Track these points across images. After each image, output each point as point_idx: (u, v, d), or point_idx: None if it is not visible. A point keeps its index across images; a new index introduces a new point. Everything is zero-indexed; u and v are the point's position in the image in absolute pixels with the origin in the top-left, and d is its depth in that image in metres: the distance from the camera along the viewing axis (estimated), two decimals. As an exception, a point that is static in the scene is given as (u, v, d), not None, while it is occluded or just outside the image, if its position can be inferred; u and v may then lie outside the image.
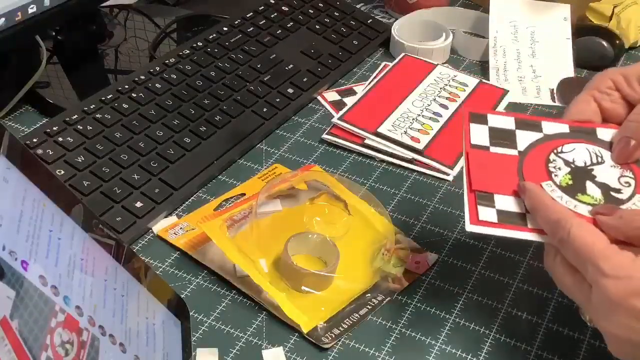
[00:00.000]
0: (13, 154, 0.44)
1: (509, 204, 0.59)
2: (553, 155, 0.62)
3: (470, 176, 0.60)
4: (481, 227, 0.57)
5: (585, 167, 0.62)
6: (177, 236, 0.68)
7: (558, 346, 0.61)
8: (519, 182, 0.60)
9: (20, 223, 0.43)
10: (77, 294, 0.46)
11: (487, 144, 0.63)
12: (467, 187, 0.60)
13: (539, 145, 0.63)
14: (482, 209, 0.58)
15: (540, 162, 0.62)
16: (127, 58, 0.92)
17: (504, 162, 0.62)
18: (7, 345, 0.39)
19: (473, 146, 0.63)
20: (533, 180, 0.60)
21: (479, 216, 0.58)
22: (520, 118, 0.65)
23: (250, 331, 0.61)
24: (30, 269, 0.43)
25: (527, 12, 0.98)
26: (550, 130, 0.64)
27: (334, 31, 0.95)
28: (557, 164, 0.62)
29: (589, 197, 0.59)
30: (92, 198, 0.68)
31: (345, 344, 0.60)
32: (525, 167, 0.61)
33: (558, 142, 0.64)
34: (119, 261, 0.51)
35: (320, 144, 0.81)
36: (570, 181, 0.61)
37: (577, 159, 0.62)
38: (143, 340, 0.51)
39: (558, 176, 0.61)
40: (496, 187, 0.60)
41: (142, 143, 0.74)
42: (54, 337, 0.43)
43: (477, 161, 0.61)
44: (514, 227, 0.57)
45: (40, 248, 0.44)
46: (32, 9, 0.77)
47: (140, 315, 0.52)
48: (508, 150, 0.63)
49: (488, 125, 0.64)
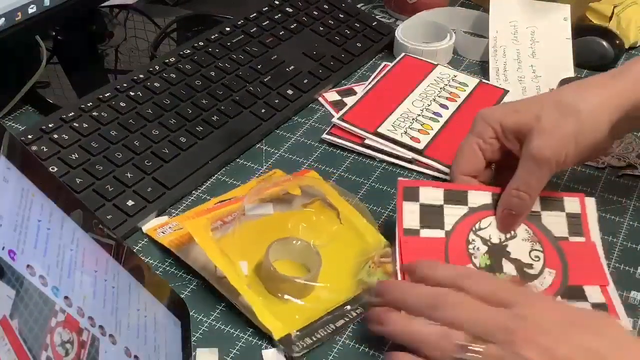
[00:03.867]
0: (13, 154, 0.44)
1: None
2: (472, 234, 0.66)
3: (401, 265, 0.63)
4: None
5: (500, 244, 0.66)
6: (165, 235, 0.67)
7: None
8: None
9: (20, 223, 0.43)
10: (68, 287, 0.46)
11: (417, 227, 0.66)
12: (399, 274, 0.63)
13: (463, 220, 0.67)
14: None
15: (462, 244, 0.66)
16: (127, 58, 0.92)
17: (433, 246, 0.65)
18: (7, 344, 0.39)
19: (405, 232, 0.65)
20: (457, 263, 0.64)
21: None
22: (448, 189, 0.68)
23: (250, 331, 0.61)
24: (34, 270, 0.43)
25: (527, 12, 0.98)
26: (474, 201, 0.68)
27: (338, 33, 0.95)
28: (476, 244, 0.66)
29: (506, 276, 0.64)
30: (84, 196, 0.68)
31: (346, 344, 0.60)
32: (450, 250, 0.65)
33: (479, 215, 0.67)
34: (118, 261, 0.51)
35: (320, 144, 0.81)
36: (488, 261, 0.65)
37: (492, 235, 0.66)
38: (142, 339, 0.51)
39: (477, 258, 0.65)
40: None
41: (137, 142, 0.74)
42: (54, 336, 0.43)
43: (408, 248, 0.64)
44: None
45: (39, 246, 0.44)
46: (32, 9, 0.77)
47: (140, 315, 0.52)
48: (436, 232, 0.66)
49: (419, 202, 0.67)
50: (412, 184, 0.68)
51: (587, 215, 0.69)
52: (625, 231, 0.72)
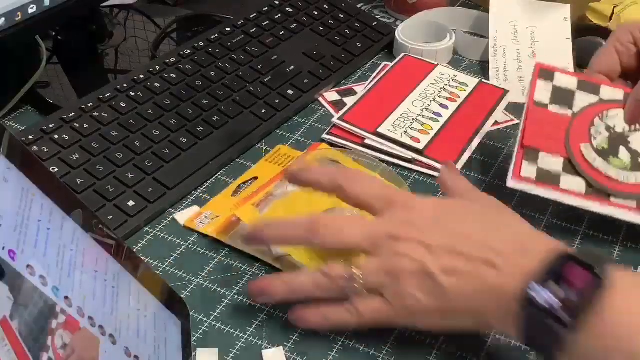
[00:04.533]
0: (13, 154, 0.44)
1: (549, 163, 0.68)
2: (598, 119, 0.70)
3: (525, 131, 0.69)
4: (521, 184, 0.67)
5: (623, 134, 0.70)
6: (205, 224, 0.69)
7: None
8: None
9: (20, 223, 0.43)
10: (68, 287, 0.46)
11: (547, 102, 0.72)
12: (519, 142, 0.69)
13: (592, 107, 0.71)
14: (525, 165, 0.68)
15: (585, 125, 0.70)
16: (127, 58, 0.92)
17: (557, 121, 0.70)
18: (7, 345, 0.39)
19: (535, 103, 0.72)
20: (575, 141, 0.69)
21: (522, 172, 0.67)
22: (583, 80, 0.73)
23: (250, 331, 0.61)
24: (34, 270, 0.43)
25: (527, 12, 0.98)
26: (606, 95, 0.72)
27: (338, 33, 0.95)
28: (598, 129, 0.70)
29: (619, 162, 0.68)
30: (85, 196, 0.68)
31: (346, 344, 0.60)
32: (573, 128, 0.70)
33: (608, 106, 0.71)
34: (118, 261, 0.51)
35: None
36: (606, 145, 0.69)
37: (617, 125, 0.70)
38: (142, 339, 0.51)
39: (597, 139, 0.69)
40: (544, 144, 0.69)
41: (138, 142, 0.74)
42: (55, 338, 0.43)
43: (535, 117, 0.70)
44: (549, 187, 0.67)
45: (39, 246, 0.44)
46: (32, 9, 0.78)
47: (140, 315, 0.52)
48: (564, 110, 0.71)
49: (553, 83, 0.72)
50: (549, 67, 0.73)
51: None
52: (625, 231, 0.72)
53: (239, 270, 0.66)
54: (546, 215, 0.73)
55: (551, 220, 0.72)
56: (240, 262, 0.67)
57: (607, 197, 0.67)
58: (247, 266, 0.66)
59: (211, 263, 0.67)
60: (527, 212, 0.73)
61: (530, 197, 0.71)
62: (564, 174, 0.68)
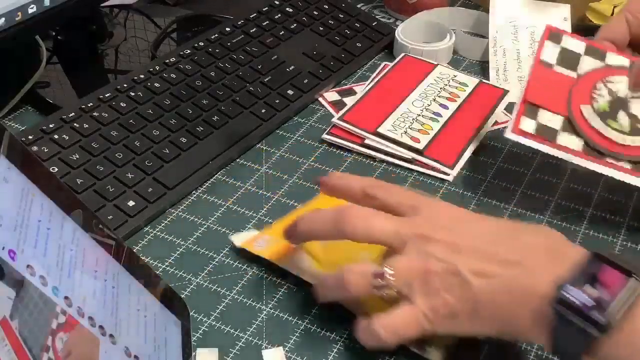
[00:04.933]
0: (13, 154, 0.44)
1: (549, 119, 0.70)
2: (601, 82, 0.72)
3: (528, 87, 0.71)
4: (518, 137, 0.69)
5: (624, 99, 0.71)
6: (263, 248, 0.66)
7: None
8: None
9: (20, 223, 0.43)
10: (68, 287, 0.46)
11: (553, 62, 0.73)
12: (521, 97, 0.71)
13: (596, 71, 0.72)
14: (524, 119, 0.69)
15: (588, 87, 0.71)
16: (127, 58, 0.92)
17: (561, 82, 0.72)
18: (7, 345, 0.39)
19: (541, 62, 0.73)
20: (576, 101, 0.70)
21: (520, 125, 0.69)
22: (590, 45, 0.74)
23: (250, 331, 0.61)
24: (34, 270, 0.43)
25: (527, 12, 0.98)
26: (612, 61, 0.73)
27: (338, 33, 0.95)
28: (601, 92, 0.71)
29: (618, 125, 0.69)
30: (85, 196, 0.68)
31: (346, 344, 0.60)
32: (575, 89, 0.72)
33: (613, 71, 0.72)
34: (118, 261, 0.51)
35: (320, 144, 0.81)
36: (607, 108, 0.70)
37: (620, 90, 0.71)
38: (142, 339, 0.51)
39: (598, 102, 0.70)
40: (545, 100, 0.70)
41: (138, 142, 0.74)
42: (55, 341, 0.43)
43: (539, 75, 0.72)
44: (546, 142, 0.68)
45: (39, 246, 0.44)
46: (32, 9, 0.78)
47: (140, 315, 0.52)
48: (568, 72, 0.72)
49: (561, 45, 0.74)
50: (558, 30, 0.75)
51: None
52: (625, 231, 0.72)
53: (239, 270, 0.66)
54: (545, 215, 0.73)
55: (550, 220, 0.72)
56: (240, 262, 0.67)
57: (602, 156, 0.69)
58: (247, 266, 0.66)
59: (211, 263, 0.67)
60: (525, 212, 0.73)
61: (529, 197, 0.71)
62: (562, 132, 0.69)
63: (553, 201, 0.74)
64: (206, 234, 0.69)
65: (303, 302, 0.64)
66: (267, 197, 0.74)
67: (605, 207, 0.74)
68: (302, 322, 0.62)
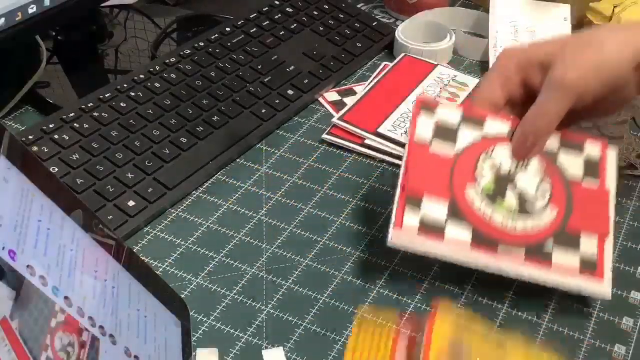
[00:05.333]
0: (13, 154, 0.44)
1: (433, 209, 0.63)
2: (482, 157, 0.66)
3: (407, 174, 0.64)
4: (404, 236, 0.62)
5: (509, 173, 0.66)
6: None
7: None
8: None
9: (20, 223, 0.43)
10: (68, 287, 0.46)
11: (429, 139, 0.66)
12: (400, 186, 0.65)
13: (477, 143, 0.66)
14: (408, 212, 0.63)
15: (470, 164, 0.65)
16: (127, 58, 0.92)
17: (440, 162, 0.65)
18: (7, 345, 0.39)
19: (416, 141, 0.66)
20: (460, 183, 0.64)
21: (404, 220, 0.62)
22: (467, 114, 0.68)
23: (250, 331, 0.61)
24: (34, 270, 0.43)
25: (527, 12, 0.98)
26: (491, 128, 0.67)
27: (338, 33, 0.95)
28: (484, 169, 0.65)
29: (506, 204, 0.64)
30: (85, 196, 0.68)
31: (346, 344, 0.60)
32: (457, 169, 0.65)
33: (494, 141, 0.67)
34: (118, 261, 0.51)
35: (320, 144, 0.81)
36: (492, 185, 0.65)
37: (503, 163, 0.66)
38: (142, 339, 0.51)
39: (482, 180, 0.65)
40: (427, 186, 0.64)
41: (138, 142, 0.74)
42: (54, 340, 0.43)
43: (416, 159, 0.65)
44: (433, 238, 0.62)
45: (39, 245, 0.44)
46: (32, 9, 0.77)
47: (140, 315, 0.52)
48: (446, 148, 0.66)
49: (435, 118, 0.67)
50: (430, 102, 0.68)
51: (607, 162, 0.68)
52: (625, 231, 0.72)
53: (239, 270, 0.66)
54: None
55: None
56: (240, 262, 0.67)
57: (494, 246, 0.63)
58: (248, 266, 0.66)
59: (211, 263, 0.67)
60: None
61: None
62: (449, 221, 0.63)
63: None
64: (206, 234, 0.69)
65: (303, 302, 0.64)
66: (267, 197, 0.74)
67: (605, 207, 0.74)
68: (302, 322, 0.62)
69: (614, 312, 0.64)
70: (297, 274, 0.66)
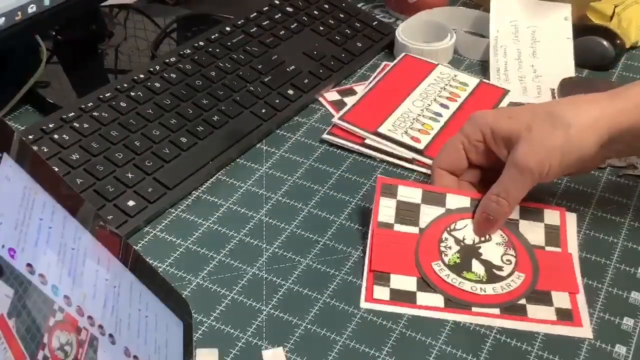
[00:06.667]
0: (16, 152, 0.43)
1: (402, 283, 0.64)
2: (446, 233, 0.68)
3: (372, 256, 0.66)
4: (375, 305, 0.63)
5: (473, 245, 0.67)
6: None
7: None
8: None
9: (21, 221, 0.43)
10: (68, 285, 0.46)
11: (392, 221, 0.68)
12: (367, 264, 0.66)
13: (439, 220, 0.68)
14: (377, 288, 0.64)
15: (434, 241, 0.67)
16: (127, 58, 0.92)
17: (405, 241, 0.67)
18: (4, 343, 0.39)
19: (379, 224, 0.67)
20: (425, 260, 0.66)
21: (374, 295, 0.64)
22: (427, 191, 0.70)
23: (250, 331, 0.61)
24: (34, 269, 0.43)
25: (527, 11, 0.98)
26: (452, 204, 0.69)
27: (338, 33, 0.95)
28: (448, 243, 0.67)
29: (473, 275, 0.65)
30: (85, 196, 0.67)
31: (346, 344, 0.60)
32: (422, 246, 0.67)
33: (455, 217, 0.69)
34: (120, 260, 0.51)
35: (321, 144, 0.81)
36: (458, 259, 0.66)
37: (467, 237, 0.68)
38: (142, 339, 0.51)
39: (447, 255, 0.66)
40: (393, 267, 0.65)
41: (138, 142, 0.74)
42: (52, 339, 0.43)
43: (381, 241, 0.67)
44: (404, 305, 0.63)
45: (39, 244, 0.44)
46: (32, 9, 0.77)
47: (141, 315, 0.52)
48: (410, 228, 0.68)
49: (397, 198, 0.69)
50: (391, 182, 0.70)
51: (567, 228, 0.70)
52: (625, 231, 0.72)
53: (239, 270, 0.66)
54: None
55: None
56: (240, 262, 0.67)
57: (468, 308, 0.64)
58: (247, 266, 0.66)
59: (211, 263, 0.67)
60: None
61: (530, 197, 0.70)
62: (419, 292, 0.64)
63: (553, 201, 0.74)
64: (206, 234, 0.69)
65: (303, 302, 0.64)
66: (267, 197, 0.74)
67: (605, 207, 0.74)
68: (302, 322, 0.62)
69: (614, 312, 0.64)
70: (297, 274, 0.66)
